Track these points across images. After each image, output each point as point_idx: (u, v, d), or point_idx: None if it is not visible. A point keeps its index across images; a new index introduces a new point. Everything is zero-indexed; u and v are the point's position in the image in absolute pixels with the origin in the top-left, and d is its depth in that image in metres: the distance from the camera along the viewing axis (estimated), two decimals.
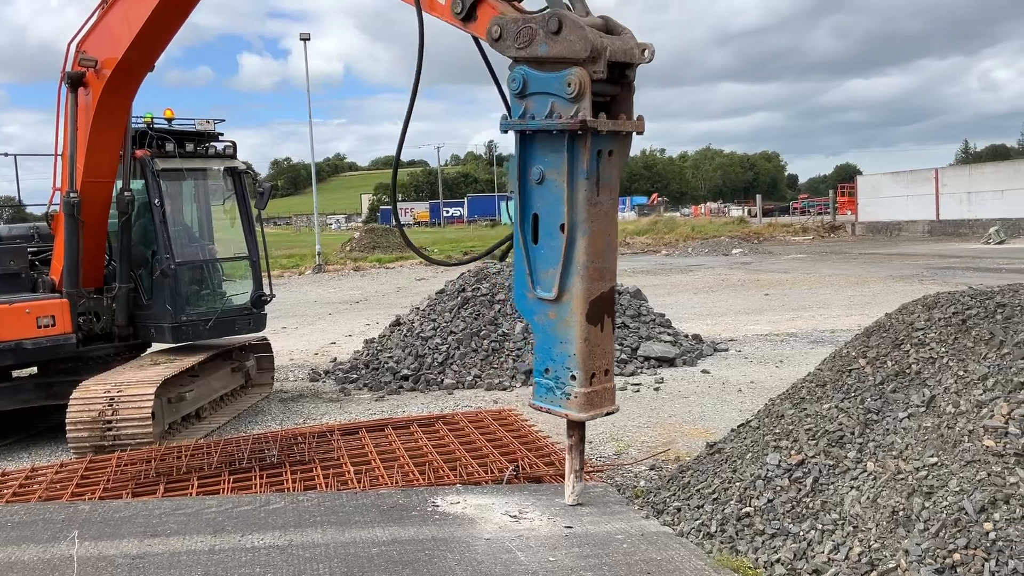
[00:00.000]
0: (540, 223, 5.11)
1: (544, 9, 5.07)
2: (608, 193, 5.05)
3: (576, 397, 5.04)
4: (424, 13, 5.51)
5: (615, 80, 4.97)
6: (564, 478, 5.59)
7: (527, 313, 5.31)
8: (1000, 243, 36.42)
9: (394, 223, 6.37)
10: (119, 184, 9.24)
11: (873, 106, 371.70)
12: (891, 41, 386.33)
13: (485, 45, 5.33)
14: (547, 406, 5.22)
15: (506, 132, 5.18)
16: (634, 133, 5.11)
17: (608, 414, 5.29)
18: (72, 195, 8.79)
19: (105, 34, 8.38)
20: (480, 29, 5.21)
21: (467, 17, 5.27)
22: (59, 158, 9.09)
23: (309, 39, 39.36)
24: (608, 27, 4.97)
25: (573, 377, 5.04)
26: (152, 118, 9.78)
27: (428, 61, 5.56)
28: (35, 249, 10.00)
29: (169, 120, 9.95)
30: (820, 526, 4.60)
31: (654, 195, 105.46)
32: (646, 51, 4.95)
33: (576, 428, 5.28)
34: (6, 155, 9.88)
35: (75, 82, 8.63)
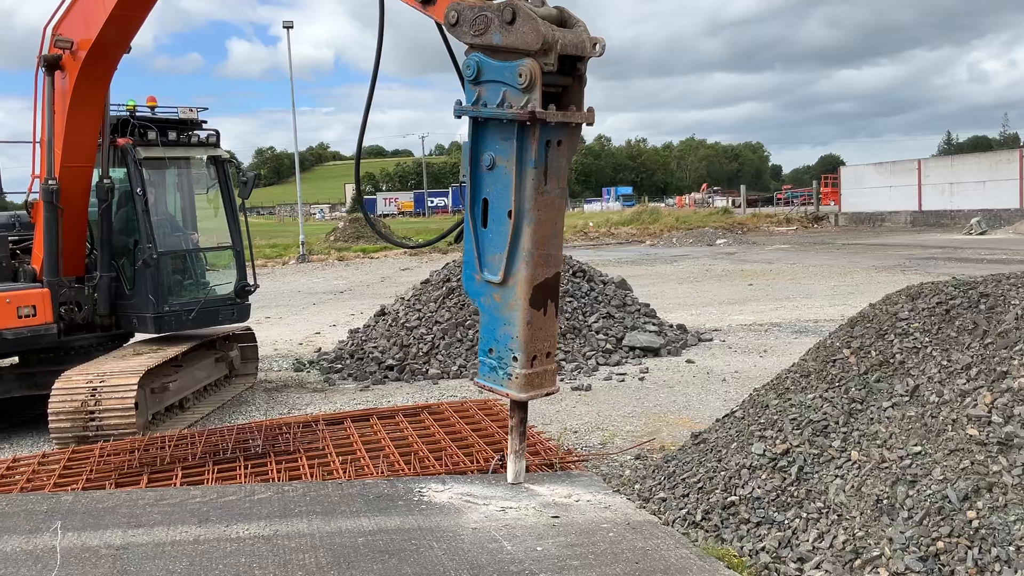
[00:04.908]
0: (490, 208, 5.23)
1: None
2: (556, 182, 5.15)
3: (517, 378, 5.19)
4: None
5: (566, 72, 5.05)
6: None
7: (474, 295, 5.45)
8: (981, 234, 36.71)
9: (360, 205, 6.56)
10: (99, 172, 9.15)
11: (862, 97, 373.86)
12: (883, 32, 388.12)
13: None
14: (490, 385, 5.39)
15: (459, 117, 5.27)
16: (584, 123, 5.18)
17: (548, 394, 5.44)
18: (50, 182, 8.69)
19: (80, 15, 8.33)
20: (438, 13, 5.27)
21: (426, 1, 5.33)
22: (38, 145, 8.99)
23: (292, 27, 38.97)
24: (562, 19, 5.05)
25: (515, 359, 5.19)
26: (135, 106, 9.68)
27: (419, 50, 5.64)
28: (16, 238, 9.90)
29: (152, 108, 9.85)
30: (805, 515, 4.62)
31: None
32: (597, 45, 5.04)
33: (517, 409, 5.42)
34: None
35: (51, 65, 8.54)
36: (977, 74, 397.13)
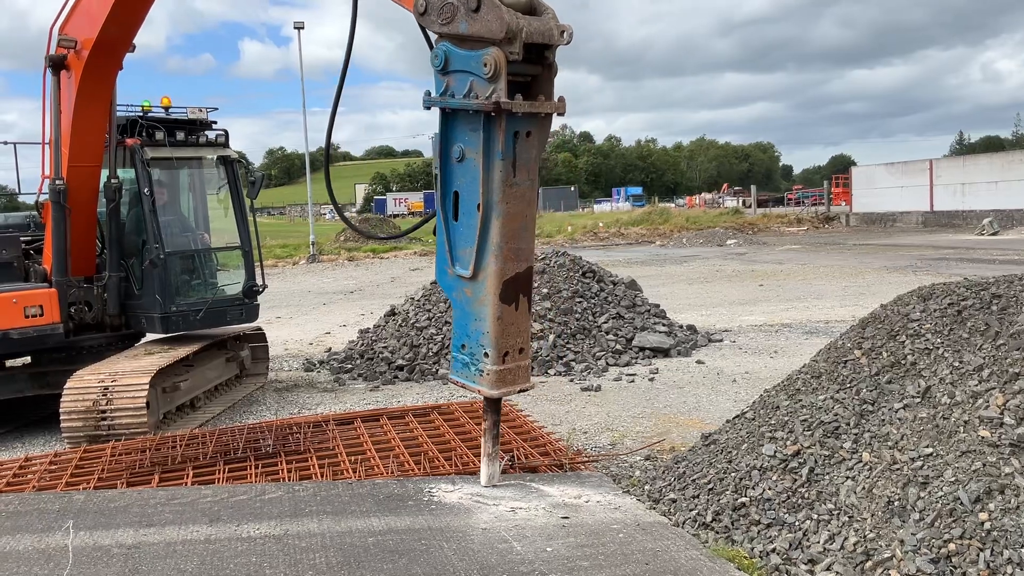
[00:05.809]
0: (460, 201, 5.17)
1: None
2: (526, 174, 5.07)
3: (488, 374, 5.16)
4: None
5: (534, 60, 4.98)
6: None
7: (447, 289, 5.40)
8: (994, 234, 36.50)
9: (330, 196, 6.50)
10: (108, 172, 9.18)
11: (874, 97, 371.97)
12: (895, 31, 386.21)
13: None
14: (462, 381, 5.35)
15: (428, 108, 5.21)
16: (554, 114, 5.11)
17: (521, 391, 5.40)
18: (58, 182, 8.74)
19: (83, 14, 8.40)
20: (408, 2, 5.23)
21: None
22: (47, 146, 9.04)
23: (303, 27, 39.12)
24: (531, 7, 4.98)
25: (486, 355, 5.14)
26: (150, 106, 9.72)
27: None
28: (29, 238, 9.95)
29: (166, 108, 9.89)
30: (816, 516, 4.61)
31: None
32: (565, 33, 4.96)
33: (490, 411, 5.39)
34: (5, 143, 9.86)
35: (57, 65, 8.60)
36: (991, 74, 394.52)
